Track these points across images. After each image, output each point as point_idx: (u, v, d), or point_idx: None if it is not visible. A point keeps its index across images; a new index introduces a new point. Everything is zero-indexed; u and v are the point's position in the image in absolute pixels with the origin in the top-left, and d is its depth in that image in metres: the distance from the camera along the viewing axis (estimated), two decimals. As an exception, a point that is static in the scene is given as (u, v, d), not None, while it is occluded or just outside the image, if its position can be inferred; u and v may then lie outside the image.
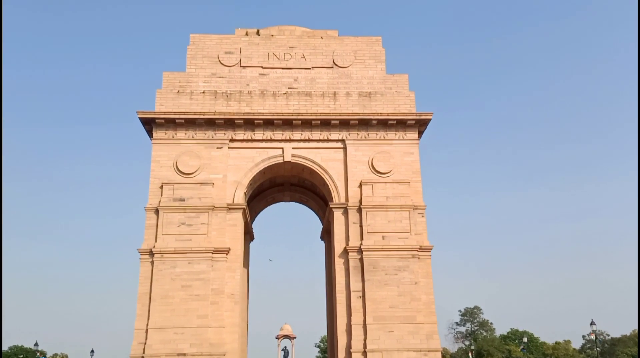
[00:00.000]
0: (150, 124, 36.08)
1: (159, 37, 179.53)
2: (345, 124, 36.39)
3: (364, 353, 32.20)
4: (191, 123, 35.81)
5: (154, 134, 36.01)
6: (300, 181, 42.01)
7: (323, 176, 36.44)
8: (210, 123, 35.89)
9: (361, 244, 34.32)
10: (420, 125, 37.10)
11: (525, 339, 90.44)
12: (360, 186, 35.62)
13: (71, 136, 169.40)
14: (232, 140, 36.16)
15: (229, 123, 35.94)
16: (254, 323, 47.37)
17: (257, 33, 39.28)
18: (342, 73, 38.24)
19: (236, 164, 35.99)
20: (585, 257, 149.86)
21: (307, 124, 36.26)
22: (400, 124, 36.69)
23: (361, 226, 34.82)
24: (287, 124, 36.11)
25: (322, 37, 39.28)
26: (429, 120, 36.85)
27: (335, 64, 38.39)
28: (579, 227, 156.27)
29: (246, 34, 39.15)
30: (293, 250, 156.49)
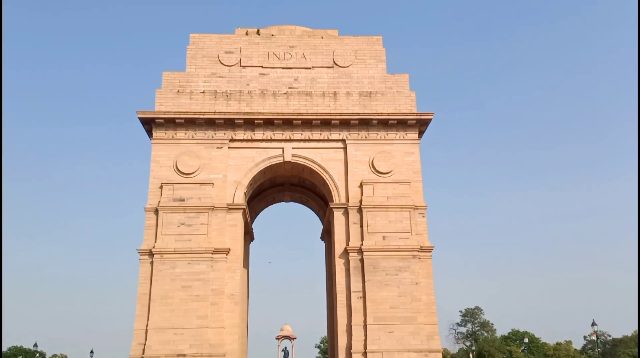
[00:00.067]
0: (150, 124, 35.98)
1: (159, 37, 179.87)
2: (345, 124, 36.28)
3: (365, 354, 32.12)
4: (191, 123, 35.71)
5: (154, 134, 35.91)
6: (301, 181, 41.91)
7: (323, 176, 36.34)
8: (210, 123, 35.79)
9: (362, 244, 34.23)
10: (420, 125, 37.01)
11: (526, 340, 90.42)
12: (361, 186, 35.53)
13: (71, 136, 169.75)
14: (232, 140, 36.05)
15: (229, 123, 35.85)
16: (254, 323, 47.34)
17: (257, 33, 39.18)
18: (343, 73, 38.13)
19: (236, 164, 35.89)
20: (586, 257, 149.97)
21: (307, 124, 36.16)
22: (401, 124, 36.61)
23: (362, 226, 34.74)
24: (288, 124, 36.02)
25: (322, 37, 39.17)
26: (430, 120, 36.77)
27: (336, 64, 38.28)
28: (580, 227, 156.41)
29: (246, 34, 39.05)
30: (293, 250, 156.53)
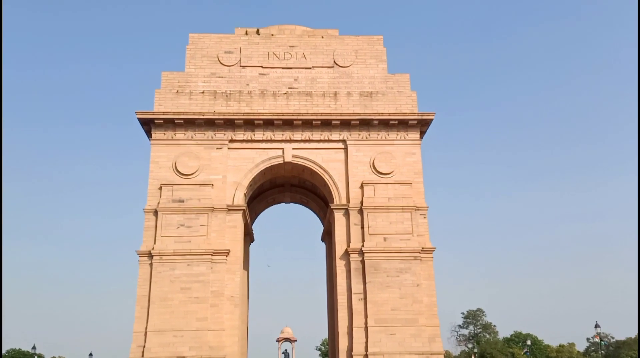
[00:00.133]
0: (149, 125, 35.76)
1: (159, 37, 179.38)
2: (346, 124, 36.04)
3: (366, 356, 31.87)
4: (190, 123, 35.49)
5: (153, 135, 35.68)
6: (301, 182, 41.68)
7: (324, 177, 36.09)
8: (209, 123, 35.55)
9: (362, 246, 33.97)
10: (422, 125, 36.74)
11: (528, 342, 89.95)
12: (362, 187, 35.27)
13: (70, 136, 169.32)
14: (231, 141, 35.82)
15: (229, 123, 35.61)
16: (254, 325, 46.95)
17: (257, 32, 38.96)
18: (343, 73, 37.90)
19: (236, 165, 35.65)
20: (589, 259, 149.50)
21: (307, 124, 35.92)
22: (402, 125, 36.35)
23: (362, 227, 34.49)
24: (288, 124, 35.78)
25: (322, 37, 38.94)
26: (431, 120, 36.50)
27: (336, 64, 38.04)
28: (583, 228, 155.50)
29: (246, 34, 38.83)
30: (293, 252, 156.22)
